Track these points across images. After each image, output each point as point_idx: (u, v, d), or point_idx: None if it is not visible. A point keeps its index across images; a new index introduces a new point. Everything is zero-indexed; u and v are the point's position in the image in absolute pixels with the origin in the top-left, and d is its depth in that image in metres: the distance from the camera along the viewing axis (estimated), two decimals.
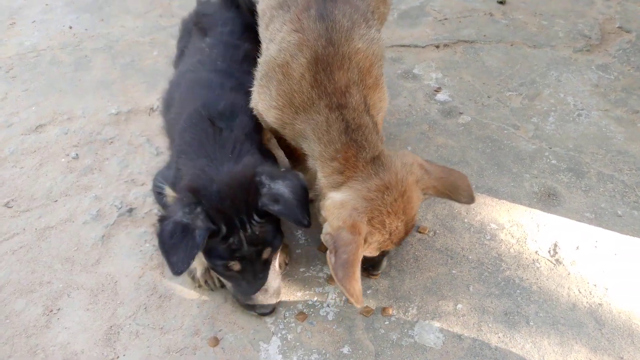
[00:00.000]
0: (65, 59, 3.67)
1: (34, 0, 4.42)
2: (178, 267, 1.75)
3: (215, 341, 2.04)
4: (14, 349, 2.04)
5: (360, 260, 1.77)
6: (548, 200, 2.53)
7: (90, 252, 2.38)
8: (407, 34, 3.79)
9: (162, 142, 2.89)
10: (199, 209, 1.82)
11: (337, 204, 1.88)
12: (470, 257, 2.29)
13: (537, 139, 2.87)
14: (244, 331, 2.07)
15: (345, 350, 2.00)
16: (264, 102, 2.11)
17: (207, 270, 2.18)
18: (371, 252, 1.91)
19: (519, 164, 2.72)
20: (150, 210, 2.55)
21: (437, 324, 2.06)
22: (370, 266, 2.14)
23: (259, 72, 2.16)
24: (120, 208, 2.57)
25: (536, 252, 2.30)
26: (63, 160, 2.86)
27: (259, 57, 2.25)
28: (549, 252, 2.30)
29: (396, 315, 2.10)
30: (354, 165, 1.89)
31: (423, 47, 3.65)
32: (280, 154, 2.55)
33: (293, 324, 2.09)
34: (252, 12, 3.01)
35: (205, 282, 2.19)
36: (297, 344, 2.02)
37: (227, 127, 2.16)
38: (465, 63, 3.48)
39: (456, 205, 2.51)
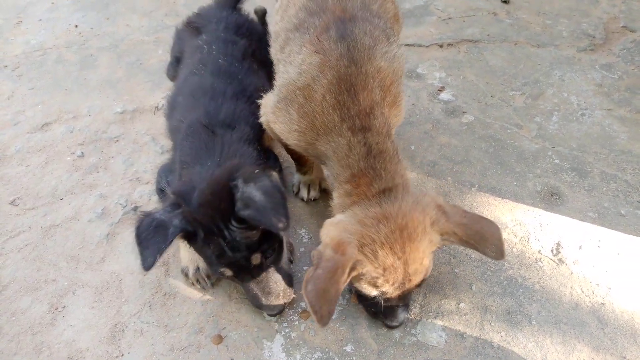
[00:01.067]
0: (71, 57, 3.69)
1: None
2: (147, 261, 1.76)
3: (219, 339, 2.05)
4: (20, 347, 2.07)
5: (340, 282, 1.68)
6: (551, 199, 2.53)
7: (95, 250, 2.40)
8: (411, 33, 3.79)
9: (166, 141, 2.91)
10: (178, 211, 1.84)
11: (334, 221, 1.86)
12: (473, 256, 2.30)
13: (540, 139, 2.87)
14: (247, 329, 2.09)
15: (348, 348, 2.01)
16: (283, 124, 2.07)
17: (198, 270, 2.20)
18: (365, 288, 1.82)
19: (522, 164, 2.72)
20: (155, 208, 2.56)
21: (439, 323, 2.07)
22: (385, 316, 1.99)
23: (277, 94, 2.11)
24: (125, 206, 2.58)
25: (539, 252, 2.31)
26: (68, 158, 2.88)
27: (256, 58, 2.28)
28: (552, 251, 2.31)
29: None
30: (364, 192, 1.85)
31: (427, 46, 3.65)
32: (282, 151, 2.56)
33: (296, 322, 2.10)
34: (263, 22, 3.06)
35: (197, 280, 2.21)
36: (301, 342, 2.04)
37: (226, 134, 2.18)
38: (468, 62, 3.48)
39: (459, 204, 2.52)
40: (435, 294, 2.17)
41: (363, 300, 1.99)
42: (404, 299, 1.92)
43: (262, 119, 2.23)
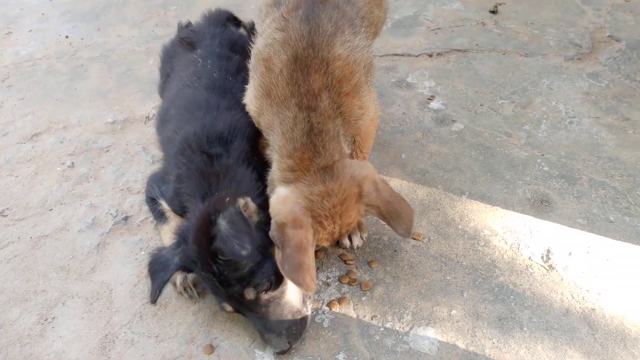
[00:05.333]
0: (61, 68, 3.69)
1: (30, 9, 4.45)
2: (152, 296, 1.96)
3: (211, 349, 2.04)
4: (9, 358, 2.04)
5: (310, 251, 1.87)
6: (541, 206, 2.55)
7: (85, 261, 2.39)
8: (400, 43, 3.83)
9: (157, 151, 2.91)
10: (179, 249, 1.97)
11: (279, 199, 1.98)
12: (464, 264, 2.31)
13: (529, 146, 2.90)
14: (239, 339, 2.08)
15: (341, 357, 2.01)
16: (249, 92, 2.23)
17: (185, 279, 2.20)
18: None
19: (511, 171, 2.75)
20: (145, 218, 2.55)
21: (431, 330, 2.07)
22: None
23: (250, 64, 2.28)
24: (115, 216, 2.57)
25: (529, 258, 2.32)
26: (58, 168, 2.86)
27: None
28: (542, 258, 2.32)
29: (391, 321, 2.11)
30: (307, 168, 1.99)
31: (416, 56, 3.69)
32: None
33: None
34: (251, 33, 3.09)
35: (185, 289, 2.21)
36: (293, 351, 2.03)
37: (223, 153, 2.20)
38: (458, 72, 3.52)
39: (450, 211, 2.53)
40: (427, 302, 2.17)
41: None
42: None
43: (244, 100, 2.31)
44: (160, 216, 2.43)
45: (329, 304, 2.17)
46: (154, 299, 1.95)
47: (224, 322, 2.13)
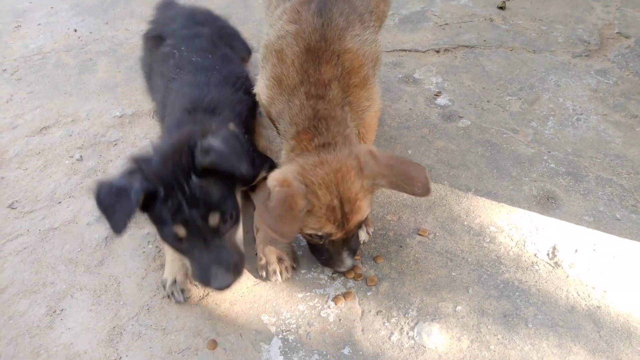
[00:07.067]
0: (69, 61, 3.71)
1: (39, 3, 4.47)
2: (117, 226, 1.80)
3: (214, 344, 2.05)
4: (18, 349, 2.07)
5: (294, 209, 1.83)
6: (547, 203, 2.55)
7: (93, 253, 2.41)
8: (407, 38, 3.82)
9: None
10: (136, 174, 1.85)
11: (276, 172, 2.00)
12: (470, 260, 2.31)
13: (536, 143, 2.89)
14: (245, 332, 2.09)
15: (346, 351, 2.02)
16: (261, 81, 2.28)
17: (174, 283, 2.20)
18: (312, 230, 1.97)
19: (518, 168, 2.74)
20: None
21: (436, 326, 2.08)
22: (334, 262, 2.13)
23: (261, 55, 2.34)
24: None
25: (535, 255, 2.32)
26: (67, 162, 2.89)
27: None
28: (548, 254, 2.32)
29: (396, 316, 2.12)
30: (306, 146, 2.03)
31: (424, 51, 3.68)
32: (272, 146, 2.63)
33: (294, 325, 2.11)
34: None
35: (172, 293, 2.20)
36: (298, 345, 2.05)
37: (208, 117, 2.24)
38: (465, 68, 3.51)
39: (456, 208, 2.54)
40: (433, 297, 2.18)
41: (314, 249, 2.18)
42: (348, 243, 2.08)
43: (255, 90, 2.36)
44: None
45: (335, 299, 2.18)
46: (120, 230, 1.81)
47: (230, 316, 2.15)
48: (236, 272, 1.97)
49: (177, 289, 2.20)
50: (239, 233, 2.06)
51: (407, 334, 2.07)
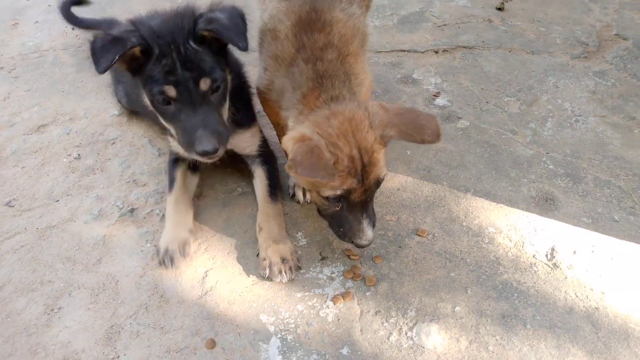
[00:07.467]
0: (67, 59, 3.69)
1: (37, 0, 4.45)
2: (101, 65, 1.84)
3: (213, 343, 2.05)
4: (15, 348, 2.06)
5: (322, 157, 1.80)
6: (545, 204, 2.56)
7: (91, 252, 2.40)
8: (406, 39, 3.82)
9: (163, 144, 2.92)
10: (135, 32, 1.92)
11: (291, 134, 1.97)
12: (469, 260, 2.32)
13: (534, 144, 2.90)
14: (244, 331, 2.09)
15: (344, 351, 2.02)
16: (259, 71, 2.30)
17: (167, 252, 2.27)
18: (334, 183, 1.90)
19: (516, 169, 2.75)
20: (151, 210, 2.56)
21: (435, 326, 2.08)
22: (354, 233, 2.06)
23: (258, 41, 2.38)
24: (121, 208, 2.58)
25: (533, 256, 2.33)
26: (65, 160, 2.87)
27: None
28: (546, 256, 2.33)
29: (395, 317, 2.12)
30: (314, 103, 2.03)
31: (422, 52, 3.68)
32: (279, 154, 2.59)
33: (293, 325, 2.11)
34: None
35: (163, 260, 2.26)
36: (297, 344, 2.04)
37: None
38: (464, 68, 3.51)
39: (455, 208, 2.54)
40: (431, 298, 2.18)
41: (332, 221, 2.13)
42: (367, 210, 2.03)
43: (255, 84, 2.40)
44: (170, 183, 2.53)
45: (333, 299, 2.18)
46: (104, 68, 1.84)
47: (228, 315, 2.14)
48: (221, 140, 2.01)
49: (169, 256, 2.26)
50: (225, 109, 2.16)
51: (406, 334, 2.07)
